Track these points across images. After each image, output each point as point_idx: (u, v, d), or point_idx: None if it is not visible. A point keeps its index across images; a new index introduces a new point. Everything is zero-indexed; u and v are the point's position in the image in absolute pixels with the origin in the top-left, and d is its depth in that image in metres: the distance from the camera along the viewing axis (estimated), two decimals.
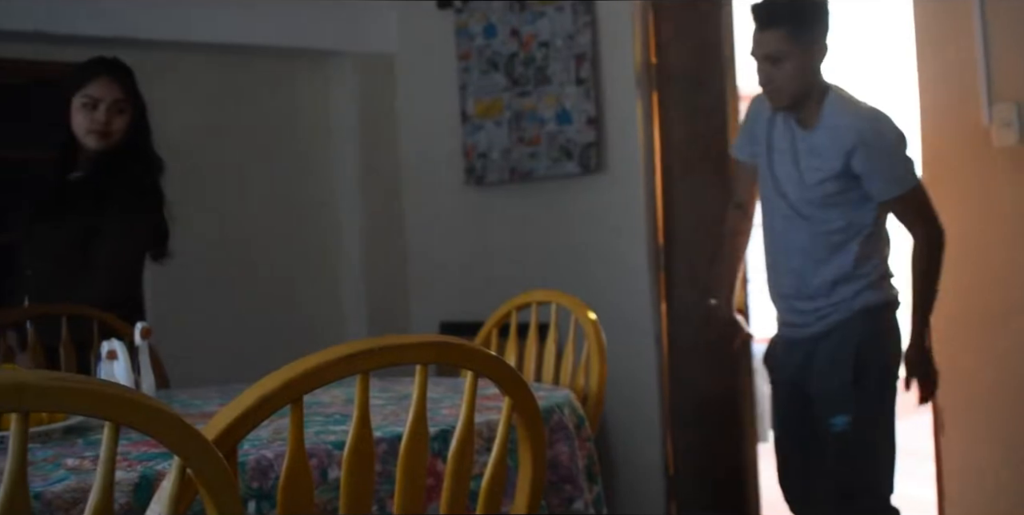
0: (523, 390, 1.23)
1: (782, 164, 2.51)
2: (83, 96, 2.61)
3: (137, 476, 1.31)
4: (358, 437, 1.11)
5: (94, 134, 2.61)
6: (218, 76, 4.37)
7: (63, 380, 0.84)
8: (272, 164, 4.48)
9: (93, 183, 2.65)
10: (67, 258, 2.64)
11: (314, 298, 4.55)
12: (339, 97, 4.59)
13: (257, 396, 1.04)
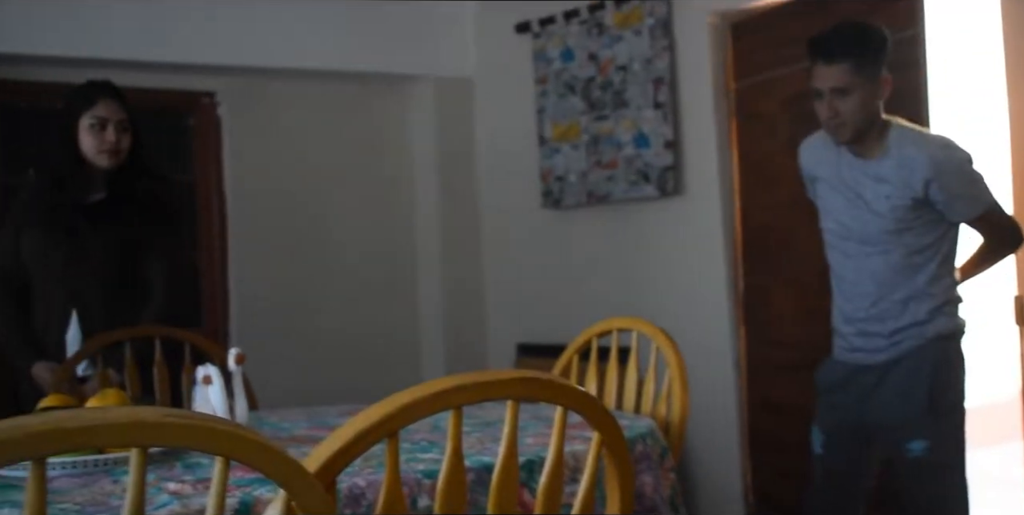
0: (613, 427, 1.24)
1: (846, 194, 2.52)
2: (91, 117, 2.69)
3: (237, 502, 1.35)
4: (452, 470, 1.14)
5: (105, 153, 2.69)
6: (300, 101, 4.48)
7: (179, 417, 0.88)
8: (352, 187, 4.57)
9: (118, 202, 2.75)
10: (109, 278, 2.72)
11: (392, 319, 4.62)
12: (418, 121, 4.66)
13: (355, 431, 1.07)
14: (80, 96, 2.73)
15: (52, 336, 2.72)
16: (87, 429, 0.83)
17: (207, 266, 4.32)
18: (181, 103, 4.32)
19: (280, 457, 0.93)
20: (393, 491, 1.10)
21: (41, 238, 2.71)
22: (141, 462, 0.87)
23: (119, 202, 2.74)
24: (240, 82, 4.34)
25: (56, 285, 2.72)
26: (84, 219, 2.71)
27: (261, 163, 4.38)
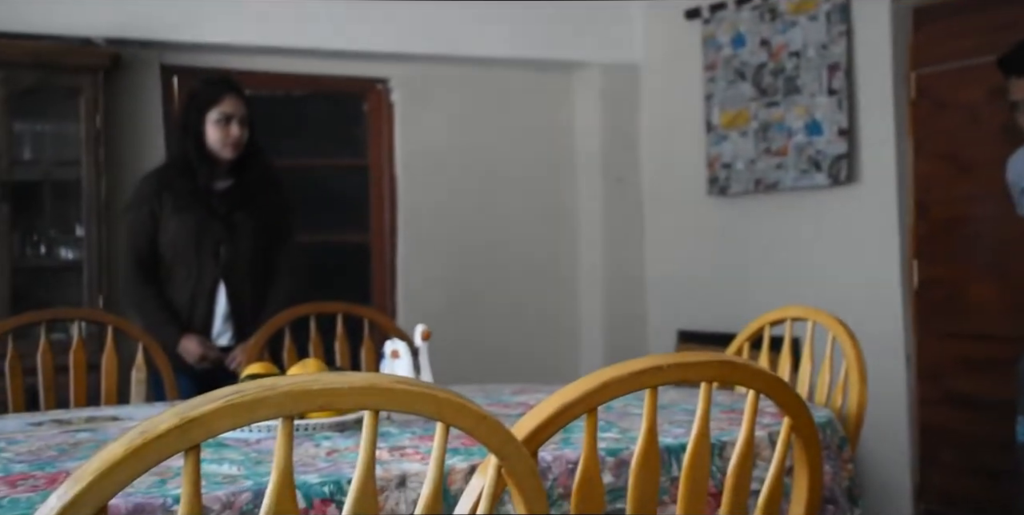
0: (804, 412, 1.25)
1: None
2: (217, 113, 2.92)
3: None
4: (646, 448, 1.17)
5: (230, 147, 2.91)
6: (469, 87, 4.58)
7: (407, 384, 0.94)
8: (517, 172, 4.64)
9: (245, 189, 2.97)
10: (258, 257, 2.97)
11: (553, 304, 4.68)
12: (584, 107, 4.69)
13: (558, 405, 1.12)
14: (206, 92, 2.95)
15: (199, 311, 2.92)
16: (330, 391, 0.90)
17: (377, 248, 4.48)
18: (355, 90, 4.49)
19: (495, 425, 0.99)
20: (590, 466, 1.15)
21: (189, 222, 2.90)
22: (373, 424, 0.94)
23: (246, 189, 2.97)
24: (412, 69, 4.47)
25: (204, 265, 2.91)
26: (222, 205, 2.93)
27: (430, 148, 4.50)
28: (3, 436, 1.76)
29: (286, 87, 4.41)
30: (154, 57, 3.99)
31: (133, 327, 2.60)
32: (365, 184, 4.48)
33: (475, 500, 1.08)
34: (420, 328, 1.95)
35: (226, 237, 2.92)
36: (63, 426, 1.86)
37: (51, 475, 1.42)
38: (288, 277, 3.03)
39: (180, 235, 2.91)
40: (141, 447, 0.82)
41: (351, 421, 1.79)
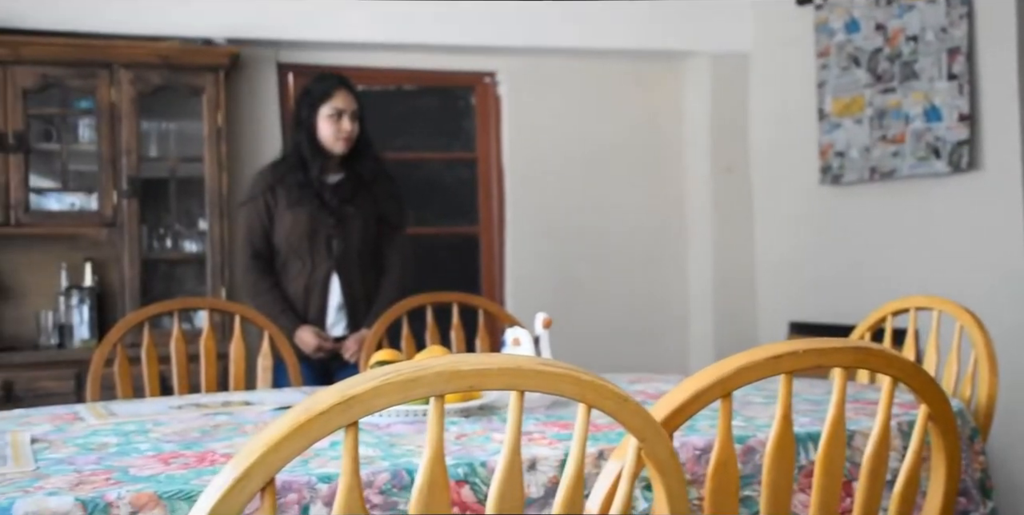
0: (942, 399, 1.24)
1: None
2: (330, 108, 3.00)
3: (562, 453, 1.45)
4: (781, 435, 1.17)
5: (341, 141, 2.99)
6: (576, 79, 4.59)
7: (551, 366, 0.97)
8: (625, 163, 4.64)
9: (357, 183, 3.04)
10: (367, 249, 3.05)
11: (661, 294, 4.66)
12: (692, 97, 4.66)
13: (693, 390, 1.13)
14: (318, 88, 3.04)
15: (314, 302, 3.00)
16: (478, 372, 0.93)
17: (486, 239, 4.53)
18: (464, 83, 4.54)
19: (636, 408, 1.00)
20: (726, 450, 1.15)
21: (302, 216, 2.98)
22: (519, 405, 0.96)
23: (357, 182, 3.04)
24: (520, 62, 4.50)
25: (317, 257, 2.99)
26: (334, 198, 3.00)
27: (538, 140, 4.53)
28: (148, 418, 1.85)
29: (397, 82, 4.50)
30: (271, 55, 4.11)
31: (259, 316, 2.69)
32: (474, 176, 4.54)
33: (612, 481, 1.10)
34: (541, 316, 1.98)
35: (337, 230, 3.00)
36: (202, 409, 1.95)
37: (199, 454, 1.49)
38: (399, 268, 3.09)
39: (294, 229, 3.00)
40: (306, 423, 0.87)
41: (474, 407, 1.83)
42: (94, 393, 2.44)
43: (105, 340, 2.51)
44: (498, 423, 1.73)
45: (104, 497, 1.24)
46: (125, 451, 1.53)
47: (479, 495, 1.39)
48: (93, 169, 3.73)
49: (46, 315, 3.74)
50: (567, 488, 1.01)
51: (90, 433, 1.70)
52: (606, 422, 1.67)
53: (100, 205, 3.69)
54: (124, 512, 1.24)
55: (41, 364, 3.54)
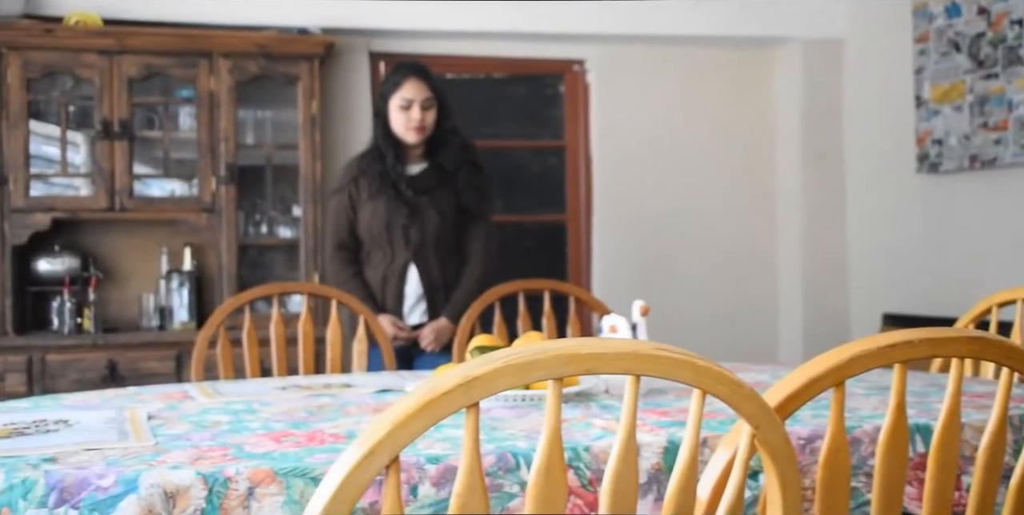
0: None
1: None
2: (399, 98, 3.01)
3: (665, 441, 1.45)
4: (895, 426, 1.16)
5: (412, 131, 3.00)
6: (665, 66, 4.55)
7: (668, 351, 0.97)
8: (713, 151, 4.59)
9: (437, 173, 3.05)
10: (444, 240, 3.04)
11: (750, 284, 4.61)
12: (784, 84, 4.59)
13: (805, 378, 1.12)
14: (391, 79, 3.06)
15: (391, 291, 3.05)
16: (596, 356, 0.94)
17: (573, 227, 4.54)
18: (553, 71, 4.55)
19: (751, 394, 1.00)
20: (838, 439, 1.14)
21: (380, 207, 3.02)
22: (635, 389, 0.97)
23: (437, 172, 3.05)
24: (609, 49, 4.49)
25: (395, 247, 3.03)
26: (413, 188, 3.00)
27: (626, 128, 4.51)
28: (255, 398, 1.91)
29: (486, 70, 4.52)
30: (363, 44, 4.17)
31: (354, 301, 2.74)
32: (562, 164, 4.54)
33: (722, 469, 1.10)
34: (638, 303, 1.98)
35: (413, 220, 3.02)
36: (305, 391, 2.00)
37: (308, 433, 1.53)
38: (479, 258, 3.10)
39: (373, 220, 3.04)
40: (430, 402, 0.89)
41: (572, 393, 1.84)
42: (197, 373, 2.51)
43: (209, 322, 2.59)
44: (596, 409, 1.74)
45: (223, 472, 1.28)
46: (237, 429, 1.58)
47: (583, 479, 1.40)
48: (193, 156, 3.84)
49: (148, 298, 3.86)
50: (681, 474, 1.01)
51: (201, 411, 1.75)
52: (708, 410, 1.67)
53: (199, 191, 3.80)
54: (242, 487, 1.28)
55: (143, 345, 3.66)
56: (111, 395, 1.97)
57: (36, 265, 3.75)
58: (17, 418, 1.66)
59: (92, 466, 1.31)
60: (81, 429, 1.56)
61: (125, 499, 1.24)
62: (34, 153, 3.69)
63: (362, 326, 2.68)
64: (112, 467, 1.30)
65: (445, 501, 1.34)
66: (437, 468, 1.35)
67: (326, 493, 0.88)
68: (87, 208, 3.71)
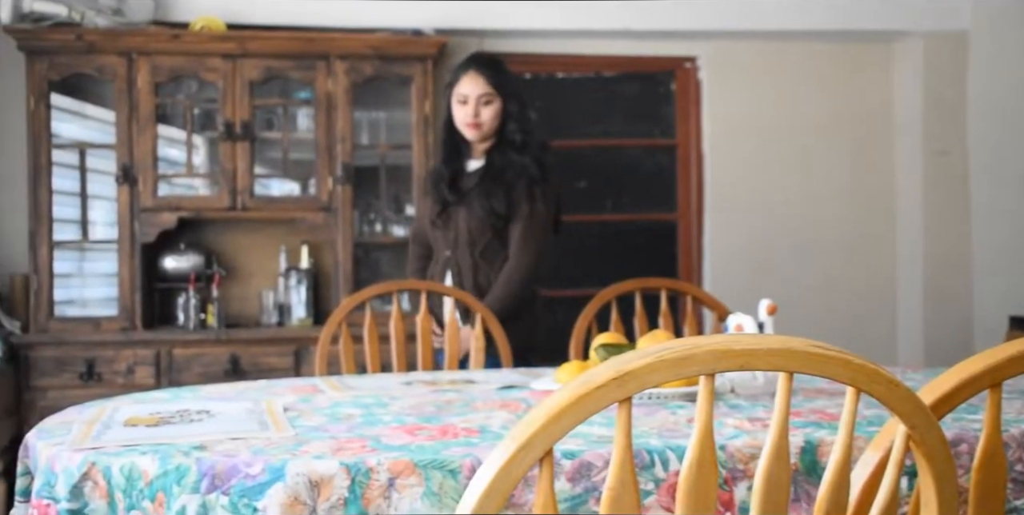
0: None
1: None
2: (457, 93, 2.91)
3: (801, 441, 1.43)
4: None
5: (468, 127, 2.90)
6: (778, 62, 4.47)
7: (821, 348, 0.96)
8: (829, 147, 4.49)
9: (489, 172, 2.91)
10: (479, 241, 2.91)
11: (867, 283, 4.50)
12: (904, 78, 4.46)
13: (959, 379, 1.09)
14: (453, 71, 2.97)
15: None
16: (749, 352, 0.93)
17: (684, 226, 4.49)
18: (664, 68, 4.51)
19: (907, 393, 0.98)
20: (994, 441, 1.11)
21: (428, 204, 3.01)
22: (788, 386, 0.96)
23: (489, 173, 2.92)
24: (721, 46, 4.43)
25: (439, 246, 2.99)
26: (461, 187, 2.93)
27: (739, 125, 4.45)
28: (383, 392, 1.94)
29: (597, 68, 4.51)
30: (475, 44, 4.20)
31: (474, 301, 2.76)
32: (673, 163, 4.50)
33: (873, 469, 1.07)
34: (765, 302, 1.95)
35: (446, 220, 2.95)
36: (429, 386, 2.03)
37: (440, 427, 1.56)
38: (515, 262, 2.89)
39: (427, 219, 3.03)
40: (584, 396, 0.89)
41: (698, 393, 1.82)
42: (321, 368, 2.57)
43: (331, 319, 2.64)
44: (725, 408, 1.72)
45: (365, 462, 1.31)
46: (371, 422, 1.61)
47: (719, 478, 1.39)
48: (310, 157, 3.93)
49: (267, 294, 3.97)
50: (833, 474, 1.00)
51: (333, 404, 1.79)
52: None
53: (316, 191, 3.88)
54: (383, 478, 1.30)
55: (263, 340, 3.76)
56: (244, 387, 2.03)
57: (163, 262, 3.89)
58: (161, 408, 1.73)
59: (239, 454, 1.35)
60: (223, 419, 1.61)
61: (272, 486, 1.28)
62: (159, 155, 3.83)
63: (478, 324, 2.70)
64: (259, 456, 1.34)
65: (580, 496, 1.35)
66: (572, 464, 1.35)
67: (481, 485, 0.89)
68: (211, 207, 3.83)
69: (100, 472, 1.34)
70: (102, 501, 1.34)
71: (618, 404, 0.92)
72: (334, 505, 1.28)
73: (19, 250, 3.83)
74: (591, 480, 1.35)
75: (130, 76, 3.74)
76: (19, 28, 3.61)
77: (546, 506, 0.91)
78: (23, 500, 1.53)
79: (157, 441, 1.43)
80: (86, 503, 1.35)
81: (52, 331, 3.67)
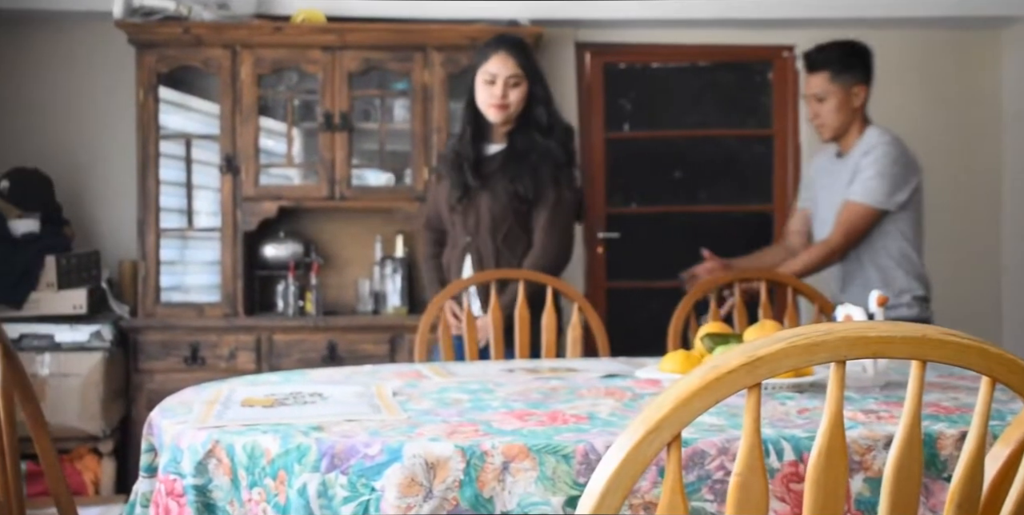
0: None
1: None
2: (484, 72, 2.80)
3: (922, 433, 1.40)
4: None
5: (493, 108, 2.81)
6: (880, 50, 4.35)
7: (957, 336, 0.94)
8: (930, 139, 4.37)
9: (512, 156, 2.85)
10: (501, 227, 2.86)
11: (971, 277, 4.37)
12: (1012, 66, 4.32)
13: None
14: (481, 50, 2.88)
15: (453, 278, 2.93)
16: (883, 339, 0.91)
17: (780, 217, 4.42)
18: (761, 58, 4.44)
19: None
20: None
21: (447, 187, 2.92)
22: (921, 375, 0.94)
23: (512, 156, 2.85)
24: (820, 34, 4.32)
25: (458, 232, 2.91)
26: (482, 170, 2.86)
27: None
28: (487, 379, 1.96)
29: (693, 58, 4.46)
30: (570, 35, 4.20)
31: (570, 287, 2.77)
32: (769, 153, 4.43)
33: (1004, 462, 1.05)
34: (875, 293, 1.91)
35: (468, 204, 2.87)
36: (532, 374, 2.04)
37: (548, 413, 1.56)
38: (539, 248, 2.86)
39: (439, 201, 2.96)
40: (714, 381, 0.89)
41: (806, 384, 1.80)
42: (421, 355, 2.61)
43: (430, 307, 2.67)
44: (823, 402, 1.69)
45: (480, 446, 1.32)
46: (479, 407, 1.62)
47: None
48: (406, 148, 3.97)
49: (363, 283, 4.04)
50: (966, 468, 0.98)
51: (440, 390, 1.82)
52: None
53: (412, 181, 3.93)
54: (498, 461, 1.32)
55: (359, 328, 3.83)
56: (351, 372, 2.07)
57: (263, 250, 3.98)
58: (275, 390, 1.78)
59: (356, 435, 1.38)
60: (335, 402, 1.64)
61: (390, 467, 1.31)
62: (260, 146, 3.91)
63: (575, 313, 2.71)
64: (376, 437, 1.37)
65: (693, 484, 1.34)
66: (685, 451, 1.35)
67: (609, 468, 0.89)
68: (309, 197, 3.90)
69: (224, 450, 1.39)
70: (225, 478, 1.39)
71: (747, 390, 0.91)
72: (449, 487, 1.30)
73: (128, 238, 3.97)
74: (704, 468, 1.35)
75: (234, 68, 3.83)
76: (130, 22, 3.73)
77: (674, 490, 0.91)
78: (147, 475, 1.58)
79: (277, 421, 1.47)
80: (210, 479, 1.39)
81: (159, 316, 3.79)
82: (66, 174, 3.99)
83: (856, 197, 2.90)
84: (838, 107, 2.97)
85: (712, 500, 1.34)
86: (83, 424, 3.52)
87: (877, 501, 1.37)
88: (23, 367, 1.62)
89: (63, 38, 4.01)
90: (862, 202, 2.90)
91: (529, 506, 1.30)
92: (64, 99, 4.03)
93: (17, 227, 3.64)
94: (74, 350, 3.56)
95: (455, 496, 1.30)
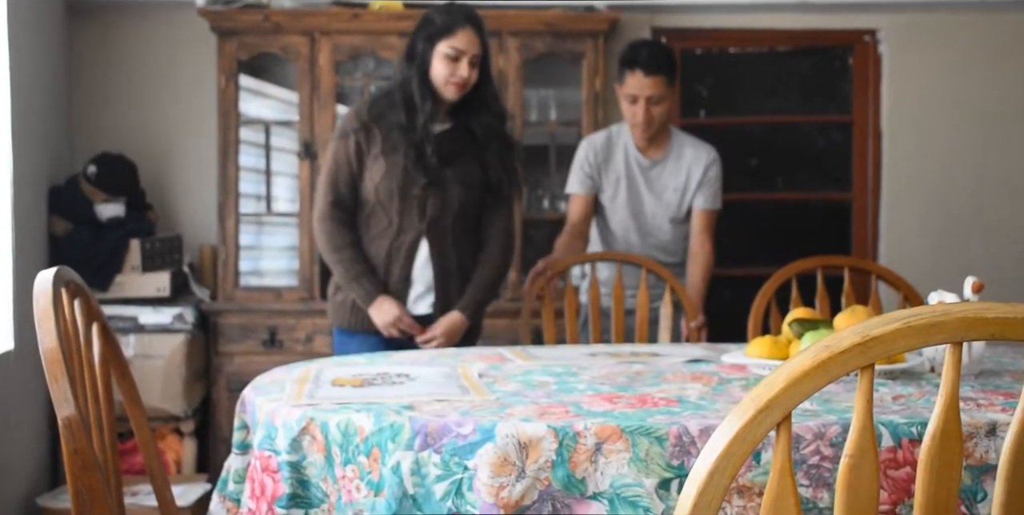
0: None
1: None
2: (448, 47, 2.56)
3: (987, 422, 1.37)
4: None
5: (453, 85, 2.58)
6: (963, 35, 4.25)
7: None
8: (1015, 126, 4.25)
9: (463, 136, 2.66)
10: (459, 221, 2.66)
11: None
12: None
13: None
14: (442, 21, 2.60)
15: (396, 270, 2.63)
16: (1002, 320, 0.89)
17: (858, 206, 4.34)
18: (841, 42, 4.35)
19: None
20: None
21: (396, 166, 2.59)
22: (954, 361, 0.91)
23: (465, 138, 2.66)
24: (903, 18, 4.24)
25: (407, 216, 2.61)
26: (436, 152, 2.59)
27: (920, 101, 4.25)
28: (570, 362, 1.96)
29: (771, 43, 4.39)
30: (646, 20, 4.17)
31: (664, 270, 2.76)
32: (848, 140, 4.35)
33: None
34: (971, 280, 1.87)
35: (433, 190, 2.60)
36: (615, 358, 2.03)
37: (637, 396, 1.56)
38: (500, 245, 2.72)
39: (384, 179, 2.60)
40: (826, 360, 0.88)
41: (897, 371, 1.77)
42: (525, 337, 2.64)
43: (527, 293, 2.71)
44: (930, 387, 1.66)
45: (572, 427, 1.32)
46: (566, 389, 1.62)
47: None
48: None
49: None
50: None
51: (524, 372, 1.82)
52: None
53: None
54: (590, 442, 1.32)
55: None
56: (435, 354, 2.09)
57: None
58: (362, 370, 1.80)
59: (448, 415, 1.39)
60: (423, 382, 1.66)
61: (483, 447, 1.31)
62: None
63: (668, 296, 2.69)
64: (467, 417, 1.37)
65: None
66: None
67: (718, 446, 0.88)
68: None
69: (318, 427, 1.41)
70: (319, 455, 1.41)
71: (860, 371, 0.90)
72: (542, 467, 1.31)
73: (208, 222, 4.04)
74: (800, 453, 1.33)
75: (312, 55, 3.87)
76: (212, 10, 3.78)
77: (783, 472, 0.90)
78: (240, 452, 1.61)
79: (370, 400, 1.48)
80: (304, 456, 1.41)
81: (238, 300, 3.86)
82: (150, 160, 4.07)
83: (710, 206, 3.11)
84: (668, 110, 3.12)
85: (808, 485, 1.32)
86: (166, 404, 3.61)
87: (978, 490, 1.34)
88: (119, 346, 1.66)
89: (147, 27, 4.09)
90: (715, 209, 3.14)
91: (622, 487, 1.30)
92: (148, 87, 4.11)
93: (103, 211, 3.74)
94: (157, 332, 3.64)
95: (547, 476, 1.30)
